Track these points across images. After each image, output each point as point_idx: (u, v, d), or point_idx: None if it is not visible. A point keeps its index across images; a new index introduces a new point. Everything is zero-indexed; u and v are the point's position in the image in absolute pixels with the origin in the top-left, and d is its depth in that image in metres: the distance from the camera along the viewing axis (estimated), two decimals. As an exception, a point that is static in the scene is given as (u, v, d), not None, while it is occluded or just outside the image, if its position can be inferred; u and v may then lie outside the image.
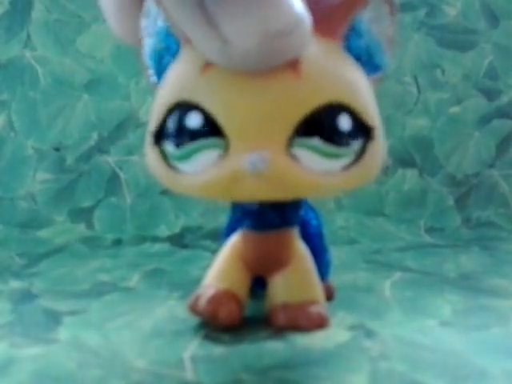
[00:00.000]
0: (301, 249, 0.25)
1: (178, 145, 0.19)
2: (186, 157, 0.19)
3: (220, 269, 0.26)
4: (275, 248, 0.25)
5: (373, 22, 0.19)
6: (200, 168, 0.19)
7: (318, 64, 0.18)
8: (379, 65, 0.20)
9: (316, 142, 0.18)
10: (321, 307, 0.25)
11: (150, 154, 0.20)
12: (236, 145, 0.18)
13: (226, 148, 0.18)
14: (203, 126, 0.18)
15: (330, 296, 0.28)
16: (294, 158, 0.18)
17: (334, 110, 0.18)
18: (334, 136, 0.18)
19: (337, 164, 0.19)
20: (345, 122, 0.18)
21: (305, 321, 0.24)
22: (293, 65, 0.18)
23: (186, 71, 0.19)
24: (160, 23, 0.19)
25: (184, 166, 0.19)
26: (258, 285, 0.26)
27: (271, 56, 0.17)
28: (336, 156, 0.18)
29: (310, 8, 0.17)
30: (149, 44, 0.20)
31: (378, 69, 0.20)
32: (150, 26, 0.20)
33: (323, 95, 0.18)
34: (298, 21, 0.16)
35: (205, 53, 0.17)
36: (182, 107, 0.18)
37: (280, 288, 0.25)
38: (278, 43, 0.16)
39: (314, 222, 0.28)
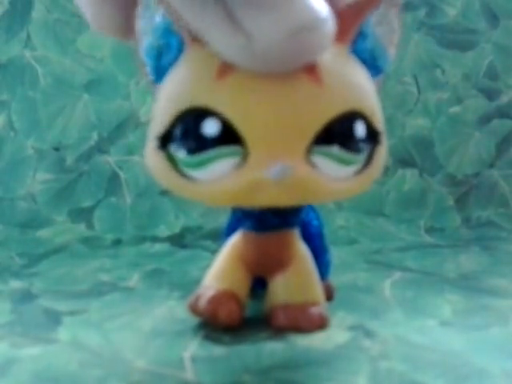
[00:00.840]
0: (301, 250, 0.25)
1: (191, 152, 0.18)
2: (200, 164, 0.18)
3: (220, 269, 0.26)
4: (276, 249, 0.25)
5: (378, 24, 0.19)
6: (216, 176, 0.18)
7: (336, 70, 0.18)
8: (381, 68, 0.20)
9: (335, 150, 0.18)
10: (321, 308, 0.25)
11: (154, 158, 0.19)
12: (256, 153, 0.18)
13: (244, 156, 0.18)
14: (221, 134, 0.18)
15: (329, 296, 0.28)
16: (313, 165, 0.18)
17: (351, 117, 0.18)
18: (351, 143, 0.18)
19: (351, 169, 0.19)
20: (360, 129, 0.18)
21: (305, 322, 0.24)
22: (313, 71, 0.17)
23: (198, 74, 0.18)
24: (158, 19, 0.19)
25: (197, 173, 0.18)
26: (259, 285, 0.26)
27: (294, 54, 0.17)
28: (351, 162, 0.19)
29: None
30: (146, 40, 0.20)
31: (380, 72, 0.20)
32: (148, 21, 0.19)
33: (343, 102, 0.18)
34: (322, 18, 0.16)
35: (224, 51, 0.17)
36: (197, 113, 0.18)
37: (280, 289, 0.25)
38: (301, 40, 0.16)
39: (314, 223, 0.28)
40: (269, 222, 0.24)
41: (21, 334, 0.25)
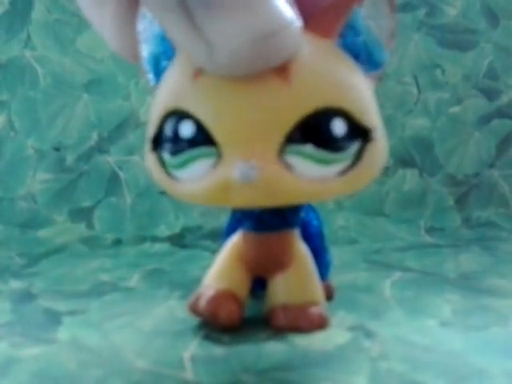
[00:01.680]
0: (301, 250, 0.25)
1: (173, 153, 0.19)
2: (181, 165, 0.19)
3: (220, 269, 0.26)
4: (275, 249, 0.25)
5: (371, 18, 0.19)
6: (195, 176, 0.19)
7: (309, 68, 0.18)
8: (379, 62, 0.20)
9: (309, 148, 0.18)
10: (321, 308, 0.25)
11: (149, 160, 0.20)
12: (228, 153, 0.18)
13: (218, 156, 0.18)
14: (196, 135, 0.18)
15: (329, 295, 0.28)
16: (286, 165, 0.18)
17: (326, 114, 0.18)
18: (327, 142, 0.18)
19: (332, 169, 0.18)
20: (339, 127, 0.18)
21: (305, 322, 0.24)
22: (281, 70, 0.17)
23: (178, 78, 0.19)
24: (156, 27, 0.19)
25: (180, 174, 0.19)
26: (259, 285, 0.26)
27: (258, 59, 0.17)
28: (331, 162, 0.18)
29: (302, 7, 0.17)
30: (146, 48, 0.20)
31: (378, 66, 0.20)
32: (147, 30, 0.20)
33: (315, 100, 0.18)
34: (285, 23, 0.16)
35: (192, 58, 0.17)
36: (176, 115, 0.18)
37: (280, 289, 0.25)
38: (264, 46, 0.16)
39: (314, 223, 0.28)
40: (268, 223, 0.24)
41: (21, 334, 0.25)
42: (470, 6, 0.57)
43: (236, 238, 0.26)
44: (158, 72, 0.20)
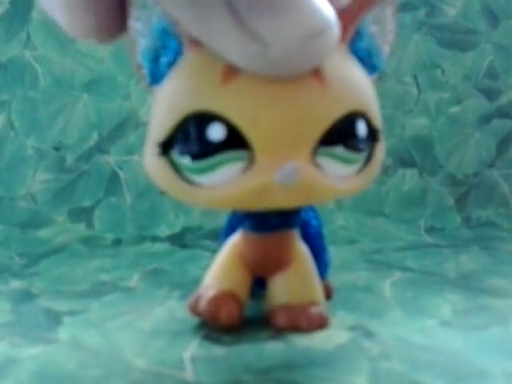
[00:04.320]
0: (301, 250, 0.25)
1: (196, 157, 0.18)
2: (206, 170, 0.18)
3: (220, 269, 0.26)
4: (276, 249, 0.25)
5: (374, 23, 0.19)
6: (222, 181, 0.18)
7: (338, 71, 0.18)
8: (376, 66, 0.20)
9: (339, 150, 0.18)
10: (321, 308, 0.25)
11: (155, 164, 0.19)
12: (263, 157, 0.17)
13: (251, 160, 0.18)
14: (227, 139, 0.17)
15: (328, 295, 0.28)
16: (318, 166, 0.18)
17: (353, 117, 0.18)
18: (354, 143, 0.18)
19: (353, 168, 0.19)
20: (362, 129, 0.19)
21: (305, 322, 0.24)
22: (317, 73, 0.17)
23: (201, 78, 0.18)
24: (155, 20, 0.19)
25: (202, 179, 0.18)
26: (259, 285, 0.26)
27: (309, 58, 0.17)
28: (354, 162, 0.19)
29: None
30: (142, 42, 0.19)
31: (375, 70, 0.20)
32: (144, 22, 0.19)
33: (346, 103, 0.18)
34: (331, 22, 0.16)
35: (235, 58, 0.17)
36: (201, 118, 0.18)
37: (280, 289, 0.25)
38: (315, 44, 0.16)
39: (314, 222, 0.28)
40: (269, 223, 0.24)
41: (21, 334, 0.25)
42: (469, 6, 0.57)
43: (236, 238, 0.26)
44: (157, 68, 0.19)
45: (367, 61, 0.19)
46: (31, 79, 0.51)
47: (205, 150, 0.18)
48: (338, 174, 0.19)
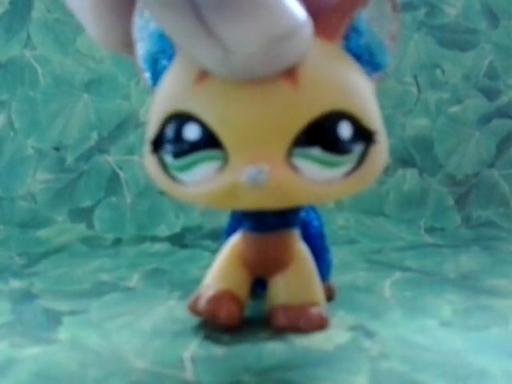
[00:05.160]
0: (302, 250, 0.25)
1: (176, 155, 0.19)
2: (185, 168, 0.19)
3: (220, 269, 0.26)
4: (276, 249, 0.25)
5: (374, 20, 0.19)
6: (200, 178, 0.18)
7: (316, 70, 0.18)
8: (381, 64, 0.20)
9: (316, 151, 0.18)
10: (321, 309, 0.25)
11: (149, 161, 0.20)
12: (235, 156, 0.18)
13: (225, 159, 0.18)
14: (201, 138, 0.18)
15: (330, 296, 0.28)
16: (294, 168, 0.18)
17: (333, 118, 0.18)
18: (334, 144, 0.18)
19: (338, 171, 0.18)
20: (345, 130, 0.18)
21: (305, 322, 0.24)
22: (289, 73, 0.17)
23: (180, 80, 0.18)
24: (153, 25, 0.19)
25: (183, 176, 0.19)
26: (259, 285, 0.26)
27: (274, 62, 0.16)
28: (337, 164, 0.18)
29: (308, 9, 0.17)
30: (143, 47, 0.20)
31: (380, 68, 0.20)
32: (144, 28, 0.19)
33: (322, 104, 0.18)
34: (300, 24, 0.16)
35: (202, 63, 0.17)
36: (179, 118, 0.18)
37: (281, 289, 0.25)
38: (281, 48, 0.16)
39: (315, 223, 0.28)
40: (269, 223, 0.24)
41: (21, 334, 0.25)
42: (470, 5, 0.57)
43: (236, 239, 0.26)
44: (156, 72, 0.19)
45: (368, 58, 0.19)
46: (31, 79, 0.51)
47: (182, 149, 0.18)
48: (319, 177, 0.18)
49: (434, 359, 0.21)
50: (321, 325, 0.24)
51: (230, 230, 0.27)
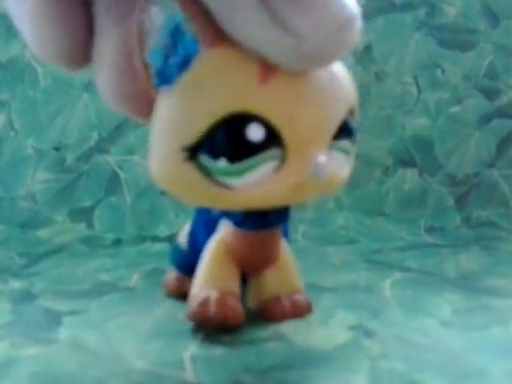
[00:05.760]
0: (283, 243, 0.27)
1: (233, 159, 0.17)
2: (243, 171, 0.18)
3: (212, 269, 0.26)
4: (271, 245, 0.26)
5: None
6: (255, 181, 0.18)
7: (338, 70, 0.19)
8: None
9: (345, 143, 0.19)
10: (304, 294, 0.27)
11: (176, 171, 0.18)
12: (294, 154, 0.18)
13: (282, 158, 0.18)
14: (265, 138, 0.17)
15: (309, 310, 0.27)
16: (332, 159, 0.19)
17: (352, 111, 0.19)
18: (354, 136, 0.20)
19: (349, 160, 0.20)
20: (355, 123, 0.20)
21: (297, 309, 0.26)
22: (330, 71, 0.18)
23: (237, 79, 0.17)
24: (167, 18, 0.18)
25: (236, 181, 0.18)
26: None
27: (336, 51, 0.17)
28: (351, 153, 0.20)
29: None
30: (152, 41, 0.19)
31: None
32: (154, 20, 0.18)
33: (351, 99, 0.19)
34: (357, 14, 0.17)
35: (269, 52, 0.17)
36: (239, 119, 0.17)
37: (271, 282, 0.26)
38: (344, 36, 0.17)
39: None
40: (271, 220, 0.24)
41: (21, 334, 0.25)
42: (470, 6, 0.57)
43: (219, 236, 0.26)
44: (166, 68, 0.18)
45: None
46: (31, 79, 0.51)
47: (244, 151, 0.17)
48: (341, 165, 0.20)
49: (433, 359, 0.21)
50: (308, 309, 0.26)
51: (199, 232, 0.28)
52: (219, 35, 0.17)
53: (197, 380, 0.20)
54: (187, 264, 0.28)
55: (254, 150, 0.17)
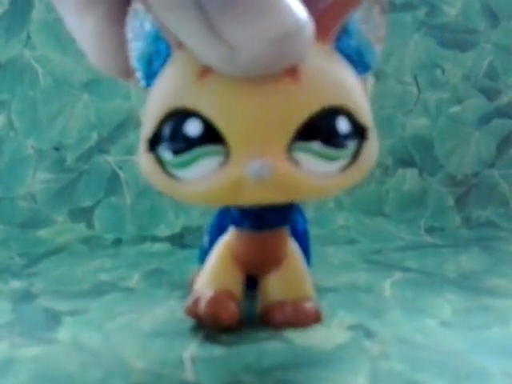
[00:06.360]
0: (292, 246, 0.26)
1: (176, 152, 0.18)
2: (185, 164, 0.18)
3: (214, 269, 0.26)
4: (272, 247, 0.25)
5: (363, 21, 0.19)
6: (200, 175, 0.18)
7: (315, 68, 0.18)
8: (368, 65, 0.20)
9: (316, 145, 0.18)
10: (314, 303, 0.25)
11: (145, 161, 0.20)
12: (237, 152, 0.18)
13: (226, 155, 0.18)
14: (203, 134, 0.18)
15: (316, 319, 0.26)
16: (294, 162, 0.18)
17: (332, 113, 0.18)
18: (333, 139, 0.18)
19: (335, 166, 0.19)
20: (343, 125, 0.18)
21: (302, 317, 0.25)
22: (291, 70, 0.18)
23: (181, 76, 0.18)
24: (148, 26, 0.19)
25: (183, 174, 0.19)
26: (249, 285, 0.26)
27: (278, 60, 0.17)
28: (335, 158, 0.18)
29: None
30: (137, 47, 0.20)
31: (367, 69, 0.20)
32: (138, 28, 0.19)
33: (322, 99, 0.18)
34: (303, 23, 0.16)
35: (205, 59, 0.17)
36: (180, 114, 0.18)
37: (275, 286, 0.25)
38: (284, 47, 0.16)
39: (300, 220, 0.28)
40: (268, 220, 0.24)
41: (21, 334, 0.25)
42: (470, 5, 0.57)
43: (227, 237, 0.26)
44: (150, 72, 0.19)
45: (357, 59, 0.20)
46: (31, 79, 0.51)
47: (183, 145, 0.18)
48: (318, 171, 0.18)
49: (433, 359, 0.21)
50: (317, 318, 0.25)
51: (218, 229, 0.27)
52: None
53: (197, 380, 0.20)
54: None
55: (193, 143, 0.18)
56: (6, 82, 0.51)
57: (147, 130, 0.19)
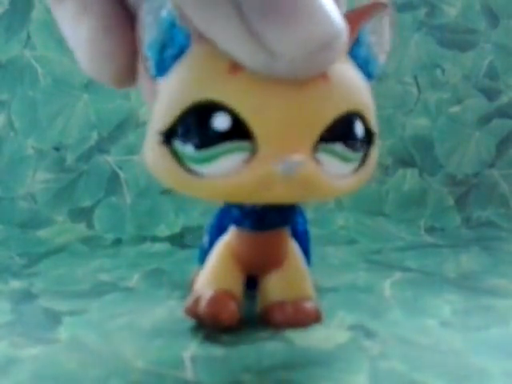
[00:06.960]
0: (292, 246, 0.26)
1: (199, 146, 0.18)
2: (208, 159, 0.18)
3: (215, 269, 0.26)
4: (273, 247, 0.25)
5: (372, 32, 0.20)
6: (223, 171, 0.18)
7: (342, 71, 0.18)
8: (373, 74, 0.20)
9: (339, 147, 0.18)
10: (315, 303, 0.25)
11: (156, 154, 0.19)
12: (265, 149, 0.17)
13: (253, 151, 0.17)
14: (231, 128, 0.17)
15: (317, 319, 0.27)
16: (317, 162, 0.18)
17: (352, 116, 0.19)
18: (352, 142, 0.19)
19: (349, 167, 0.19)
20: (360, 129, 0.19)
21: (303, 317, 0.25)
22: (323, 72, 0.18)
23: (207, 70, 0.18)
24: (163, 13, 0.19)
25: (204, 169, 0.18)
26: (249, 285, 0.26)
27: (314, 67, 0.17)
28: (350, 160, 0.19)
29: None
30: (150, 34, 0.19)
31: (371, 78, 0.20)
32: (152, 13, 0.19)
33: (347, 102, 0.18)
34: (342, 30, 0.16)
35: (241, 61, 0.17)
36: (206, 107, 0.18)
37: (275, 286, 0.26)
38: (322, 54, 0.16)
39: (300, 220, 0.28)
40: (269, 220, 0.24)
41: (21, 334, 0.25)
42: (470, 5, 0.57)
43: (227, 237, 0.26)
44: (162, 60, 0.19)
45: (364, 68, 0.20)
46: (31, 79, 0.51)
47: (208, 139, 0.18)
48: (337, 172, 0.19)
49: (433, 359, 0.21)
50: (317, 318, 0.25)
51: (218, 229, 0.27)
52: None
53: (197, 380, 0.20)
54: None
55: (219, 138, 0.17)
56: (6, 81, 0.51)
57: (161, 122, 0.18)
